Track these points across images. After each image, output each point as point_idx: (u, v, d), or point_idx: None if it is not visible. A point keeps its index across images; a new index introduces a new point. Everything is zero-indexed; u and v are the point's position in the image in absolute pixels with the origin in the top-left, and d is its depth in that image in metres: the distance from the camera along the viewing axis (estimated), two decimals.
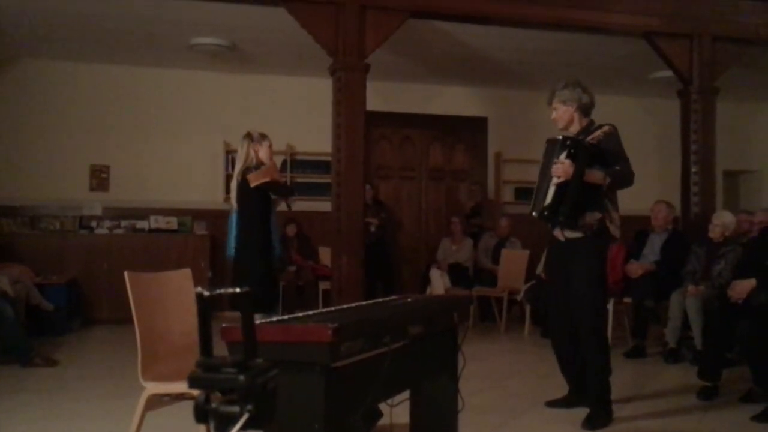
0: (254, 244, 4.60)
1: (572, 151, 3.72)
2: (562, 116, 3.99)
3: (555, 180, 3.75)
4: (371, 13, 5.84)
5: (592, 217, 3.80)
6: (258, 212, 4.58)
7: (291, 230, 8.20)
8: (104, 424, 3.77)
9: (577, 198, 3.72)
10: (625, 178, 3.82)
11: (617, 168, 3.78)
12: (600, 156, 3.77)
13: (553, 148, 3.86)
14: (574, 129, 3.99)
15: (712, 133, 6.74)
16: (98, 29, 6.90)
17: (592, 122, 4.02)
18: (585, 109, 4.00)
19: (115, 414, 3.85)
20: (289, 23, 5.86)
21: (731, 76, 7.14)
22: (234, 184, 4.72)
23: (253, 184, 4.57)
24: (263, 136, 4.75)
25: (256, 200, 4.58)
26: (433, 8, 6.00)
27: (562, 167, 3.70)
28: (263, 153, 4.69)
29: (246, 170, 4.63)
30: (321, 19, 5.76)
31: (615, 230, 3.90)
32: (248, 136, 4.70)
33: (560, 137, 3.86)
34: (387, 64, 7.40)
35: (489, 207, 9.01)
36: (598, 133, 3.90)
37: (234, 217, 4.77)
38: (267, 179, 4.58)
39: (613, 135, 3.89)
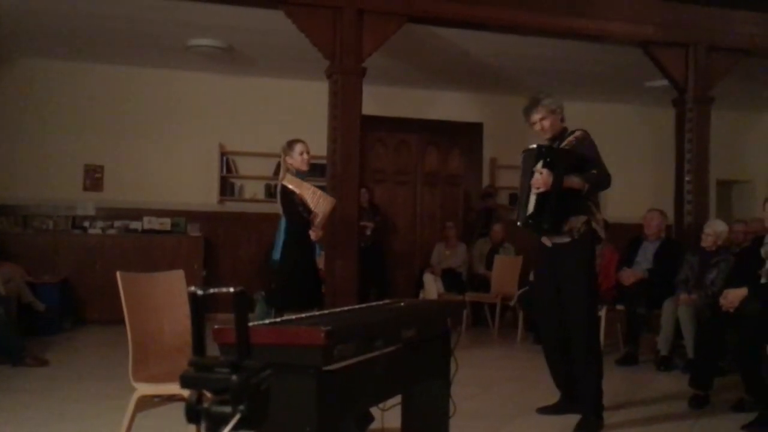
0: (297, 244, 4.62)
1: (548, 159, 3.76)
2: (553, 125, 4.01)
3: (535, 190, 3.79)
4: (369, 17, 5.85)
5: (578, 221, 3.85)
6: (300, 216, 4.57)
7: None
8: (94, 424, 3.76)
9: (559, 206, 3.77)
10: (601, 180, 3.86)
11: (594, 172, 3.81)
12: (577, 162, 3.81)
13: (529, 157, 3.90)
14: (554, 136, 4.03)
15: (707, 142, 6.77)
16: (94, 29, 6.88)
17: (566, 128, 4.07)
18: (562, 115, 4.08)
19: (106, 415, 3.83)
20: (286, 26, 5.86)
21: (726, 86, 7.17)
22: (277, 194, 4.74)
23: (283, 182, 4.59)
24: (291, 145, 4.70)
25: (293, 205, 4.58)
26: (430, 13, 6.01)
27: (541, 177, 3.74)
28: (296, 161, 4.63)
29: (286, 178, 4.62)
30: (318, 22, 5.77)
31: (600, 231, 3.94)
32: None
33: (535, 146, 3.90)
34: (384, 69, 7.41)
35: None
36: (570, 138, 3.95)
37: (282, 224, 4.80)
38: (296, 190, 4.55)
39: (586, 139, 3.93)
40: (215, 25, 6.66)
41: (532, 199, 3.82)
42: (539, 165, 3.76)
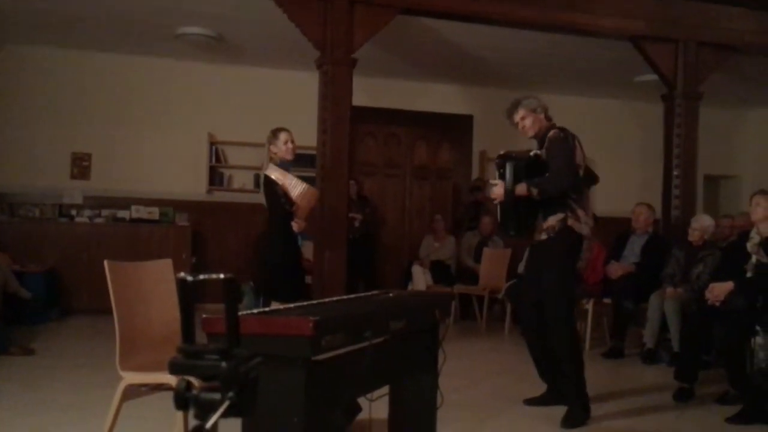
0: (281, 236, 4.55)
1: (501, 171, 3.88)
2: (534, 124, 4.04)
3: (493, 201, 3.99)
4: (360, 8, 5.82)
5: (555, 219, 3.92)
6: (282, 207, 4.51)
7: None
8: (81, 414, 3.74)
9: (515, 212, 3.89)
10: (550, 184, 3.84)
11: (546, 175, 3.85)
12: (537, 167, 3.87)
13: None
14: (538, 134, 4.07)
15: (695, 137, 6.80)
16: (83, 15, 6.81)
17: (552, 125, 4.06)
18: (547, 114, 4.10)
19: (92, 404, 3.82)
20: (277, 16, 5.83)
21: (715, 82, 7.21)
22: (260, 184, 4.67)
23: (266, 172, 4.53)
24: (275, 134, 4.57)
25: (276, 195, 4.52)
26: (422, 5, 5.99)
27: (495, 189, 3.90)
28: (280, 150, 4.51)
29: (269, 167, 4.55)
30: (309, 12, 5.73)
31: (582, 227, 3.95)
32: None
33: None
34: (374, 60, 7.39)
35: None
36: (546, 141, 3.98)
37: None
38: (279, 181, 4.48)
39: (555, 140, 3.93)
40: (205, 13, 6.61)
41: (498, 209, 3.99)
42: (496, 176, 3.93)
